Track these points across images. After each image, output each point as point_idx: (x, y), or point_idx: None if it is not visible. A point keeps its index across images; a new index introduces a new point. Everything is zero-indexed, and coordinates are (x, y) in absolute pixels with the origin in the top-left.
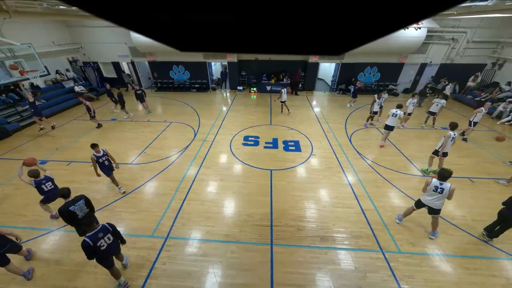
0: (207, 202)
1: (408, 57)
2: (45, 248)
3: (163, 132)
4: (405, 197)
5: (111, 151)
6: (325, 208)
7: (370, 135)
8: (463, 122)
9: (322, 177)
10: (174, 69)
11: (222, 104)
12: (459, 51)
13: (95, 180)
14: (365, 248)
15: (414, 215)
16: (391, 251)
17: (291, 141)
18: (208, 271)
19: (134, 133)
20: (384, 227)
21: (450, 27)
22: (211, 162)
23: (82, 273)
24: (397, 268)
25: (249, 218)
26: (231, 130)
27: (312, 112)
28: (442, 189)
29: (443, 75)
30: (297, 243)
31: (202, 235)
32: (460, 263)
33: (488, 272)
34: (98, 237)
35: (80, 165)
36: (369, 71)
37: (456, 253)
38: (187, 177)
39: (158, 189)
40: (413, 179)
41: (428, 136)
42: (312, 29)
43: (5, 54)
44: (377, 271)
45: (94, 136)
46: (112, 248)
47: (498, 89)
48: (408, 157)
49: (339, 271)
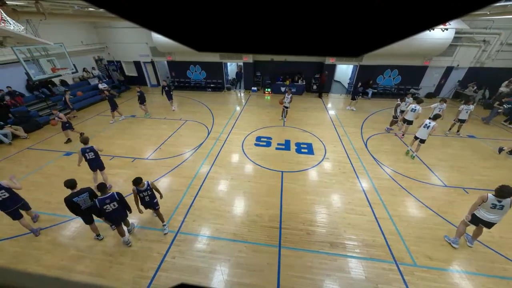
0: (218, 200)
1: (433, 60)
2: (66, 234)
3: (179, 129)
4: (423, 207)
5: (127, 147)
6: (336, 213)
7: (388, 141)
8: (494, 130)
9: (334, 182)
10: (191, 68)
11: (236, 104)
12: (491, 54)
13: (113, 173)
14: (378, 258)
15: (430, 226)
16: (406, 263)
17: (304, 144)
18: (215, 268)
19: (152, 130)
20: (399, 237)
21: (482, 28)
22: (223, 161)
23: (98, 261)
24: (412, 282)
25: (258, 219)
26: (244, 130)
27: (327, 114)
28: (502, 205)
29: (472, 79)
30: (305, 248)
31: (211, 232)
32: (483, 282)
33: None
34: (106, 202)
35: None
36: (389, 73)
37: (478, 271)
38: (199, 174)
39: (171, 185)
40: (433, 189)
41: (450, 144)
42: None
43: (40, 52)
44: (389, 283)
45: (115, 131)
46: (115, 213)
47: None
48: (429, 166)
49: (348, 280)
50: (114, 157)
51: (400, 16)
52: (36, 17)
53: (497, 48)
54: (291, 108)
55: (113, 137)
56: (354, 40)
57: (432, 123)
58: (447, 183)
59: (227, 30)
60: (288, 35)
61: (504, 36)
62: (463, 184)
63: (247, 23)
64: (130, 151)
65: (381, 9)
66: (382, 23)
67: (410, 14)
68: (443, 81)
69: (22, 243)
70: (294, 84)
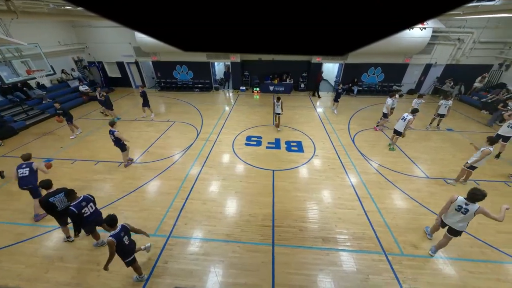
0: (209, 201)
1: (413, 58)
2: (49, 245)
3: (166, 131)
4: (408, 199)
5: (113, 151)
6: (327, 209)
7: (374, 136)
8: (469, 123)
9: (324, 178)
10: (177, 69)
11: (225, 104)
12: (465, 52)
13: (99, 179)
14: (368, 250)
15: (415, 216)
16: (394, 253)
17: (294, 142)
18: (209, 270)
19: (138, 132)
20: (387, 228)
21: (456, 27)
22: (214, 161)
23: (85, 271)
24: (400, 271)
25: (251, 218)
26: (233, 130)
27: (315, 112)
28: (467, 209)
29: (448, 76)
30: (299, 244)
31: (204, 234)
32: (464, 266)
33: (494, 276)
34: (82, 205)
35: (84, 164)
36: (373, 71)
37: (460, 256)
38: (190, 176)
39: (160, 188)
40: (417, 181)
41: (431, 137)
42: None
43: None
44: (380, 273)
45: (99, 134)
46: (92, 216)
47: (505, 90)
48: (412, 159)
49: (341, 273)
50: (99, 162)
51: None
52: (7, 16)
53: (471, 46)
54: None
55: (97, 141)
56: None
57: (408, 116)
58: (429, 174)
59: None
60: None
61: (476, 34)
62: (444, 175)
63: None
64: (116, 155)
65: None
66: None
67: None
68: (423, 78)
69: (2, 257)
70: (282, 83)
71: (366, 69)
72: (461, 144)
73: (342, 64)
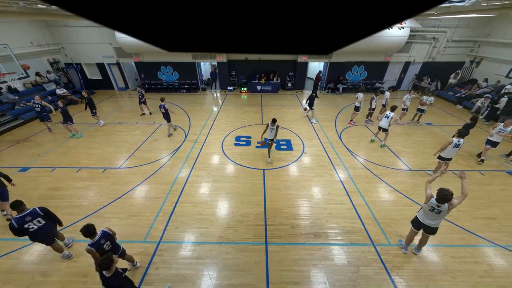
0: (200, 204)
1: (393, 56)
2: (29, 259)
3: (153, 134)
4: (393, 191)
5: (97, 156)
6: (318, 205)
7: (360, 132)
8: (446, 117)
9: (314, 175)
10: (162, 69)
11: (213, 105)
12: (440, 50)
13: (82, 186)
14: (357, 243)
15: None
16: (382, 244)
17: (283, 140)
18: (203, 273)
19: (123, 136)
20: (375, 221)
21: (431, 27)
22: (203, 163)
23: (71, 284)
24: (388, 261)
25: (243, 219)
26: (222, 130)
27: (303, 111)
28: (440, 210)
29: (426, 73)
30: (291, 241)
31: (196, 238)
32: (446, 252)
33: (472, 259)
34: (26, 220)
35: (65, 171)
36: (357, 69)
37: (441, 242)
38: (179, 179)
39: (149, 193)
40: (400, 174)
41: (413, 132)
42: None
43: None
44: (369, 264)
45: (81, 139)
46: (43, 230)
47: (476, 85)
48: (396, 153)
49: (333, 267)
50: (81, 168)
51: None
52: None
53: (444, 44)
54: (268, 107)
55: (79, 147)
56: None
57: (391, 114)
58: (412, 167)
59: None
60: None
61: (449, 34)
62: (425, 167)
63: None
64: (100, 161)
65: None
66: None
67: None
68: (402, 75)
69: None
70: (269, 82)
71: (350, 68)
72: (440, 137)
73: (327, 63)
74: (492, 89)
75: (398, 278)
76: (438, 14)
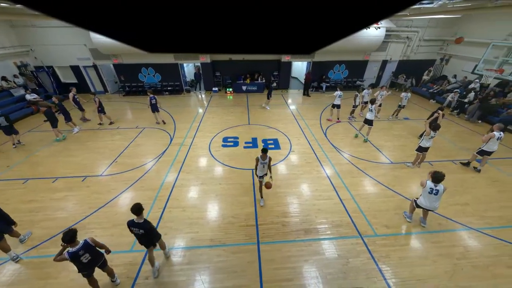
0: (189, 208)
1: (371, 55)
2: (3, 280)
3: (136, 138)
4: (377, 184)
5: (75, 164)
6: (306, 201)
7: (344, 129)
8: (422, 112)
9: (302, 172)
10: (143, 71)
11: (198, 106)
12: (413, 49)
13: (59, 198)
14: (346, 236)
15: (383, 199)
16: (369, 235)
17: (270, 140)
18: (195, 279)
19: (103, 142)
20: (361, 213)
21: (405, 27)
22: (191, 166)
23: None
24: (375, 250)
25: (234, 220)
26: (209, 132)
27: (288, 109)
28: (437, 190)
29: (402, 71)
30: (283, 239)
31: (186, 243)
32: (427, 238)
33: (450, 243)
34: None
35: (39, 182)
36: (338, 68)
37: (422, 229)
38: (166, 184)
39: (134, 200)
40: (383, 167)
41: (392, 126)
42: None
43: None
44: (358, 255)
45: (57, 148)
46: None
47: (447, 81)
48: (378, 147)
49: (324, 261)
50: (57, 178)
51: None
52: None
53: (417, 43)
54: (254, 107)
55: (55, 155)
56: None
57: (372, 106)
58: (393, 160)
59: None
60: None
61: (421, 33)
62: (404, 159)
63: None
64: (79, 169)
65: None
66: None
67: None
68: (381, 73)
69: None
70: (254, 82)
71: (332, 66)
72: (417, 131)
73: (310, 62)
74: (460, 84)
75: (385, 267)
76: (410, 15)
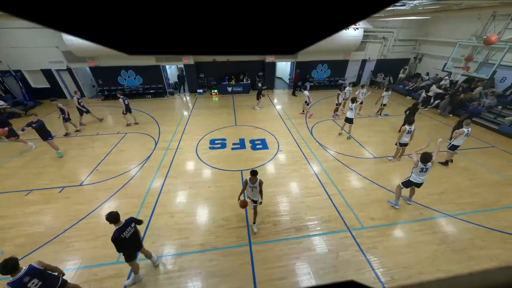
0: (178, 213)
1: (352, 54)
2: None
3: (118, 144)
4: (362, 178)
5: (51, 175)
6: (296, 199)
7: (328, 127)
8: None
9: (290, 171)
10: (122, 74)
11: (183, 109)
12: (389, 48)
13: (34, 211)
14: (335, 230)
15: (368, 192)
16: (356, 228)
17: (258, 140)
18: (187, 285)
19: (82, 150)
20: (348, 207)
21: (381, 28)
22: (178, 170)
23: None
24: (363, 242)
25: (224, 223)
26: (195, 135)
27: (275, 109)
28: (427, 168)
29: (380, 69)
30: (274, 238)
31: (176, 249)
32: (409, 227)
33: (430, 230)
34: None
35: (10, 196)
36: (321, 68)
37: (405, 219)
38: (152, 190)
39: (118, 209)
40: (366, 161)
41: (374, 123)
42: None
43: None
44: (347, 249)
45: (28, 158)
46: None
47: (420, 79)
48: (361, 143)
49: (315, 256)
50: (31, 191)
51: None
52: None
53: (393, 43)
54: (240, 107)
55: (26, 167)
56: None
57: (353, 105)
58: (375, 155)
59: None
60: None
61: (396, 33)
62: (386, 153)
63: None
64: (56, 180)
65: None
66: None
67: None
68: (361, 72)
69: None
70: (240, 83)
71: (315, 66)
72: (397, 126)
73: (293, 62)
74: (432, 81)
75: (373, 257)
76: (385, 16)
